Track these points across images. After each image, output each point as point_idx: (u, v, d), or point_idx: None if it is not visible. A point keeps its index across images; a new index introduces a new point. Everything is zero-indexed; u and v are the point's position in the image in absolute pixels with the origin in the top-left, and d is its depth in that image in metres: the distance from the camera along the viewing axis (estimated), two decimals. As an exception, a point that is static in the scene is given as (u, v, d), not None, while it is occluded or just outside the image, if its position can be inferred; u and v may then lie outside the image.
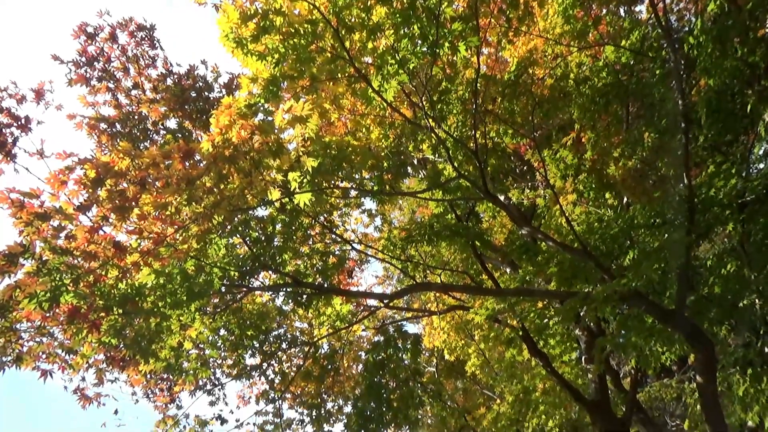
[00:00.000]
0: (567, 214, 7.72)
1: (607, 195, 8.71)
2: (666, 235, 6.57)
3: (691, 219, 5.97)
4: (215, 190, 5.41)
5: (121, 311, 6.19)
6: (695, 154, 7.31)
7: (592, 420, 8.90)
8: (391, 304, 10.34)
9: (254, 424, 10.48)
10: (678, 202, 6.41)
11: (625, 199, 8.47)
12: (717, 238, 9.03)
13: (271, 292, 9.50)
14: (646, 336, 6.88)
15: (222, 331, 9.19)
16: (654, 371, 10.03)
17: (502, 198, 8.87)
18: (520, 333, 9.47)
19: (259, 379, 10.49)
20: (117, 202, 5.15)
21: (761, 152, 7.69)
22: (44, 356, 6.97)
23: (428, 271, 10.96)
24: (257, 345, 9.55)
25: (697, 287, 7.01)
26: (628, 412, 8.98)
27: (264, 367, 10.10)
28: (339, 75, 6.27)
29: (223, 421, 9.85)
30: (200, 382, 9.67)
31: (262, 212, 8.21)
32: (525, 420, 10.79)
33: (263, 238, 8.04)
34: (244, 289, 8.05)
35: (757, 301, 6.53)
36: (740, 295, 6.59)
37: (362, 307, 10.73)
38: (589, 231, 7.73)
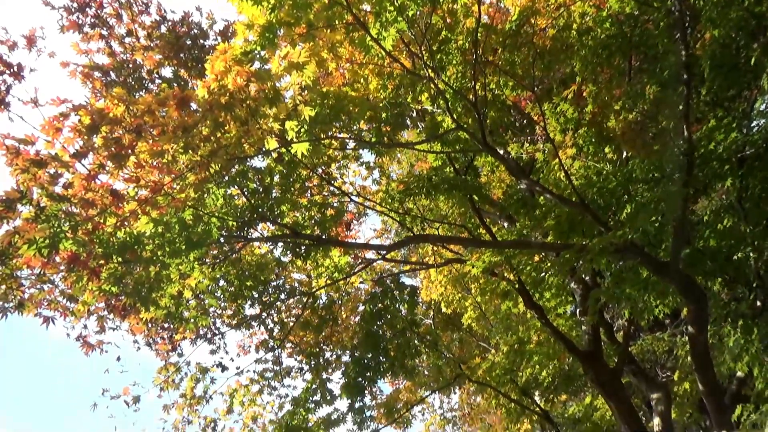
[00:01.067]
0: (566, 168, 7.69)
1: (607, 149, 8.65)
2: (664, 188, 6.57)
3: (689, 173, 5.95)
4: (212, 138, 5.38)
5: (120, 259, 6.25)
6: (697, 109, 7.23)
7: (584, 370, 9.08)
8: (388, 256, 10.41)
9: (254, 372, 10.76)
10: (677, 156, 6.37)
11: (625, 154, 8.42)
12: (715, 195, 9.03)
13: (269, 244, 9.57)
14: (641, 288, 6.96)
15: (221, 282, 9.29)
16: (647, 324, 10.18)
17: (501, 151, 8.81)
18: (516, 286, 9.57)
19: (259, 328, 10.69)
20: (113, 149, 5.12)
21: (763, 107, 7.60)
22: (46, 303, 7.06)
23: (426, 225, 10.99)
24: (256, 295, 9.68)
25: (693, 241, 7.05)
26: (620, 364, 9.16)
27: (263, 317, 10.25)
28: (336, 22, 6.14)
29: (224, 369, 10.08)
30: (201, 331, 9.83)
31: (259, 163, 8.18)
32: (519, 370, 11.05)
33: (261, 189, 8.04)
34: (243, 239, 8.10)
35: (751, 254, 6.58)
36: (735, 249, 6.63)
37: (360, 260, 10.82)
38: (588, 185, 7.72)
